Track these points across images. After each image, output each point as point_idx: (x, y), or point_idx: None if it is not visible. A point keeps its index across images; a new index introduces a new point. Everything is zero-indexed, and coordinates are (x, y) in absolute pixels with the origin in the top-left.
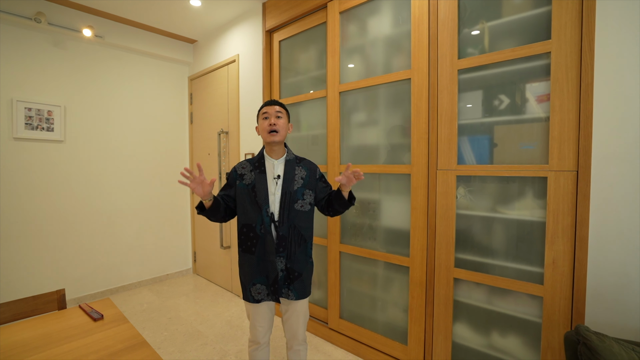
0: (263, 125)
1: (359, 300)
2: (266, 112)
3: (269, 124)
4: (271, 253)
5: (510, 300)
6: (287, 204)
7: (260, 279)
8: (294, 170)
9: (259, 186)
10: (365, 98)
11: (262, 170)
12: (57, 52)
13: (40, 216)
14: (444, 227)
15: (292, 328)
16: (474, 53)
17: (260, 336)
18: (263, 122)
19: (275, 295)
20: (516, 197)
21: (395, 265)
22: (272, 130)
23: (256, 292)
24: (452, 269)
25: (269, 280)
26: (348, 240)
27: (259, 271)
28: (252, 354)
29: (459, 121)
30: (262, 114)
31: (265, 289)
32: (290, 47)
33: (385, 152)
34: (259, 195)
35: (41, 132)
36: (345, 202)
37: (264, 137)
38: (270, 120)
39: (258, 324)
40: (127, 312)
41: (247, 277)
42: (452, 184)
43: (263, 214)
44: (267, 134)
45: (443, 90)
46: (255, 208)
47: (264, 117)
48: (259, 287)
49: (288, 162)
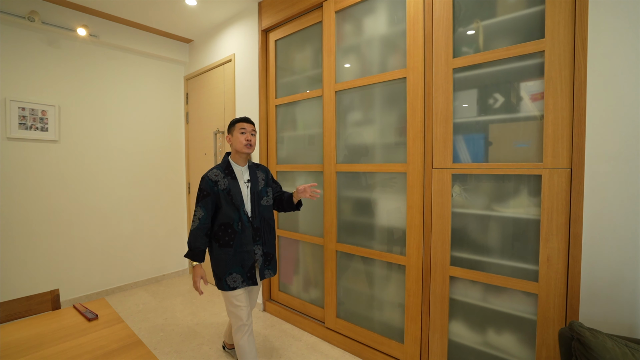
0: (240, 138)
1: (356, 299)
2: (244, 128)
3: (246, 138)
4: (248, 244)
5: (506, 297)
6: (257, 202)
7: (235, 268)
8: (256, 174)
9: (234, 190)
10: (361, 97)
11: (234, 177)
12: (51, 51)
13: (35, 217)
14: (439, 225)
15: (253, 298)
16: (468, 52)
17: (246, 316)
18: (240, 136)
19: (252, 280)
20: (511, 195)
21: (391, 264)
22: (248, 145)
23: (231, 281)
24: (448, 267)
25: (244, 268)
26: (344, 239)
27: (234, 262)
28: (243, 341)
29: (454, 120)
30: (239, 128)
31: (240, 277)
32: (286, 46)
33: (381, 150)
34: (235, 198)
35: (35, 132)
36: (294, 207)
37: (240, 148)
38: (247, 136)
39: (242, 304)
40: (123, 313)
41: (223, 269)
42: (448, 182)
43: (241, 213)
44: (243, 146)
45: (438, 89)
46: (232, 208)
47: (242, 131)
48: (234, 276)
49: (250, 167)
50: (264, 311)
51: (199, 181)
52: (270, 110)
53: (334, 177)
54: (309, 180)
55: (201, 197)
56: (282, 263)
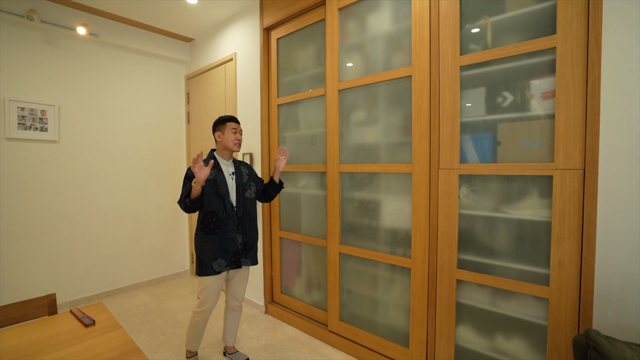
0: (232, 137)
1: (360, 302)
2: (235, 128)
3: (237, 138)
4: (232, 232)
5: (515, 302)
6: (241, 193)
7: (220, 254)
8: (240, 168)
9: (220, 181)
10: (365, 96)
11: (220, 169)
12: (50, 50)
13: (34, 218)
14: (446, 227)
15: (237, 290)
16: (476, 49)
17: (213, 304)
18: (232, 134)
19: (236, 264)
20: (520, 197)
21: (396, 267)
22: (237, 144)
23: (217, 266)
24: (454, 270)
25: (228, 254)
26: (348, 240)
27: (220, 248)
28: (197, 323)
29: (461, 119)
30: (231, 127)
31: (224, 261)
32: (288, 45)
33: (386, 151)
34: (220, 188)
35: (35, 132)
36: (277, 186)
37: (231, 146)
38: (238, 135)
39: (214, 294)
40: (123, 315)
41: (209, 255)
42: (455, 183)
43: (226, 202)
44: (234, 145)
45: (445, 88)
46: (217, 198)
47: (234, 131)
48: (220, 261)
49: (234, 162)
50: (265, 313)
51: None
52: (272, 110)
53: (337, 177)
54: (311, 181)
55: (187, 181)
56: (284, 265)
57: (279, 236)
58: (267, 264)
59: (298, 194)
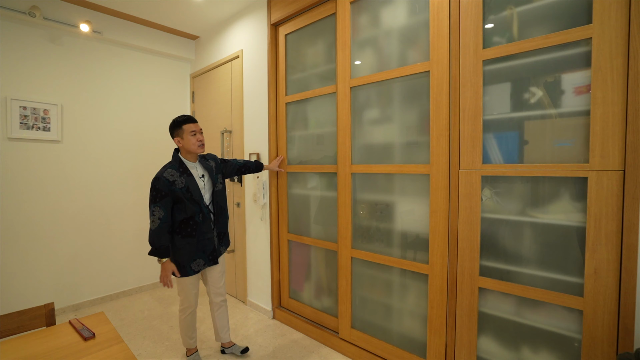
0: (192, 140)
1: (373, 309)
2: (194, 130)
3: (198, 139)
4: (209, 232)
5: (543, 312)
6: (213, 192)
7: (198, 254)
8: (208, 164)
9: (192, 187)
10: (378, 93)
11: (189, 174)
12: (53, 48)
13: (36, 219)
14: (467, 231)
15: (217, 284)
16: (500, 42)
17: (194, 301)
18: (192, 138)
19: (213, 261)
20: (550, 200)
21: (412, 273)
22: (201, 145)
23: (196, 266)
24: (476, 278)
25: (206, 253)
26: (360, 245)
27: (197, 249)
28: (185, 320)
29: (483, 117)
30: (189, 131)
31: (203, 260)
32: (296, 41)
33: (401, 150)
34: (194, 194)
35: (37, 132)
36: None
37: (194, 149)
38: (198, 136)
39: (193, 292)
40: (127, 320)
41: (187, 257)
42: (477, 185)
43: (202, 207)
44: (197, 147)
45: (466, 83)
46: (193, 204)
47: (192, 133)
48: (198, 261)
49: (201, 161)
50: (273, 319)
51: (152, 182)
52: (280, 108)
53: (349, 178)
54: (321, 182)
55: (159, 197)
56: (292, 269)
57: (287, 239)
58: (274, 267)
59: (307, 196)
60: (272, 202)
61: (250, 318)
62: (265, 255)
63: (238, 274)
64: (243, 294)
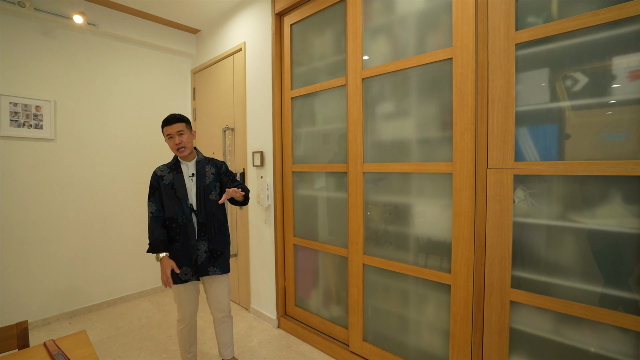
0: (170, 144)
1: (387, 321)
2: (169, 133)
3: (175, 143)
4: (192, 238)
5: (588, 332)
6: (203, 196)
7: (185, 262)
8: (205, 168)
9: (177, 184)
10: (393, 85)
11: (179, 171)
12: (46, 41)
13: (28, 222)
14: (497, 237)
15: (218, 299)
16: (536, 22)
17: (189, 314)
18: (169, 141)
19: (197, 275)
20: (597, 202)
21: (432, 282)
22: (180, 148)
23: (183, 274)
24: (507, 290)
25: (191, 262)
26: (373, 250)
27: (183, 256)
28: (182, 332)
29: (516, 108)
30: (166, 134)
31: (190, 270)
32: (303, 31)
33: (419, 147)
34: (178, 191)
35: (28, 130)
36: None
37: (174, 152)
38: (175, 140)
39: (186, 302)
40: (123, 329)
41: (176, 263)
42: (509, 185)
43: (183, 206)
44: (177, 151)
45: (495, 71)
46: (176, 202)
47: (169, 137)
48: (185, 269)
49: (199, 162)
50: (278, 328)
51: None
52: (285, 104)
53: (360, 178)
54: (330, 182)
55: (150, 193)
56: (298, 275)
57: (292, 243)
58: (279, 273)
59: (314, 197)
60: (276, 204)
61: (254, 327)
62: (270, 260)
63: (241, 280)
64: (246, 300)
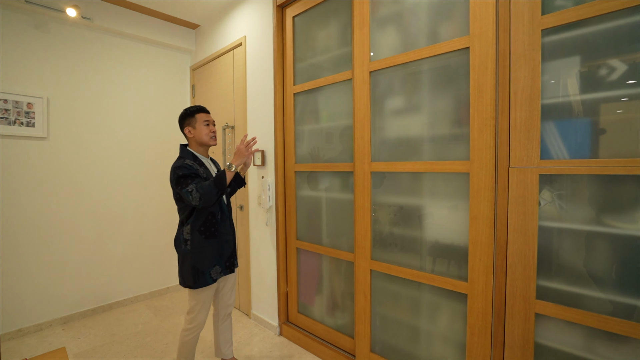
0: (205, 130)
1: (396, 331)
2: (207, 120)
3: (212, 130)
4: (228, 233)
5: (626, 350)
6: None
7: (217, 260)
8: (217, 165)
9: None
10: (403, 78)
11: (205, 167)
12: (38, 35)
13: (20, 224)
14: (520, 243)
15: (229, 295)
16: (566, 5)
17: (204, 319)
18: (205, 128)
19: (230, 269)
20: (636, 205)
21: (446, 291)
22: (213, 136)
23: (215, 273)
24: (532, 301)
25: (223, 258)
26: (381, 255)
27: (217, 253)
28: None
29: (542, 100)
30: (203, 120)
31: (219, 267)
32: (306, 23)
33: (432, 145)
34: None
35: (20, 128)
36: (242, 181)
37: (206, 140)
38: (211, 127)
39: (207, 306)
40: (118, 336)
41: (207, 262)
42: (534, 185)
43: (222, 203)
44: (209, 139)
45: (519, 60)
46: None
47: (206, 123)
48: (216, 268)
49: (211, 159)
50: (280, 335)
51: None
52: (288, 100)
53: (367, 178)
54: (334, 182)
55: (190, 179)
56: (301, 280)
57: (295, 247)
58: (281, 278)
59: (318, 198)
60: (278, 205)
61: (254, 334)
62: (271, 264)
63: (241, 283)
64: (247, 306)
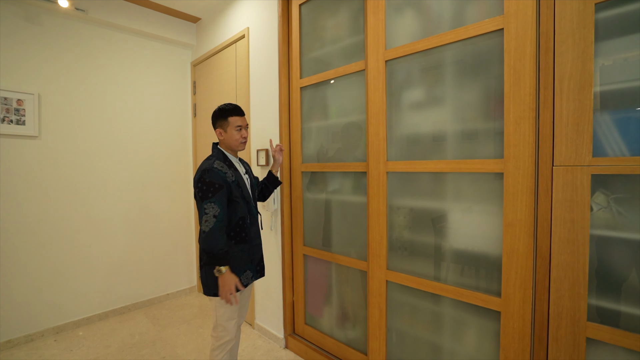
0: (236, 136)
1: (415, 349)
2: (240, 125)
3: (243, 136)
4: (257, 237)
5: None
6: (254, 192)
7: (247, 264)
8: (245, 163)
9: (241, 182)
10: (423, 67)
11: (235, 169)
12: (29, 28)
13: (9, 227)
14: (567, 255)
15: (246, 306)
16: None
17: (236, 330)
18: (236, 133)
19: (260, 273)
20: None
21: (474, 307)
22: (244, 142)
23: (245, 278)
24: (582, 324)
25: (254, 262)
26: (398, 265)
27: (248, 257)
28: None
29: (595, 88)
30: (235, 125)
31: (251, 272)
32: (313, 11)
33: (457, 142)
34: (244, 191)
35: (9, 126)
36: (277, 182)
37: (235, 146)
38: (243, 132)
39: (236, 316)
40: (112, 348)
41: (238, 268)
42: (584, 188)
43: (250, 206)
44: (239, 144)
45: (566, 41)
46: (244, 202)
47: (238, 128)
48: (247, 273)
49: (240, 159)
50: (285, 348)
51: (201, 175)
52: (294, 94)
53: (383, 179)
54: (345, 184)
55: (212, 191)
56: (309, 289)
57: (302, 253)
58: (287, 287)
59: (328, 201)
60: (284, 209)
61: (258, 347)
62: (277, 271)
63: None
64: (250, 315)
